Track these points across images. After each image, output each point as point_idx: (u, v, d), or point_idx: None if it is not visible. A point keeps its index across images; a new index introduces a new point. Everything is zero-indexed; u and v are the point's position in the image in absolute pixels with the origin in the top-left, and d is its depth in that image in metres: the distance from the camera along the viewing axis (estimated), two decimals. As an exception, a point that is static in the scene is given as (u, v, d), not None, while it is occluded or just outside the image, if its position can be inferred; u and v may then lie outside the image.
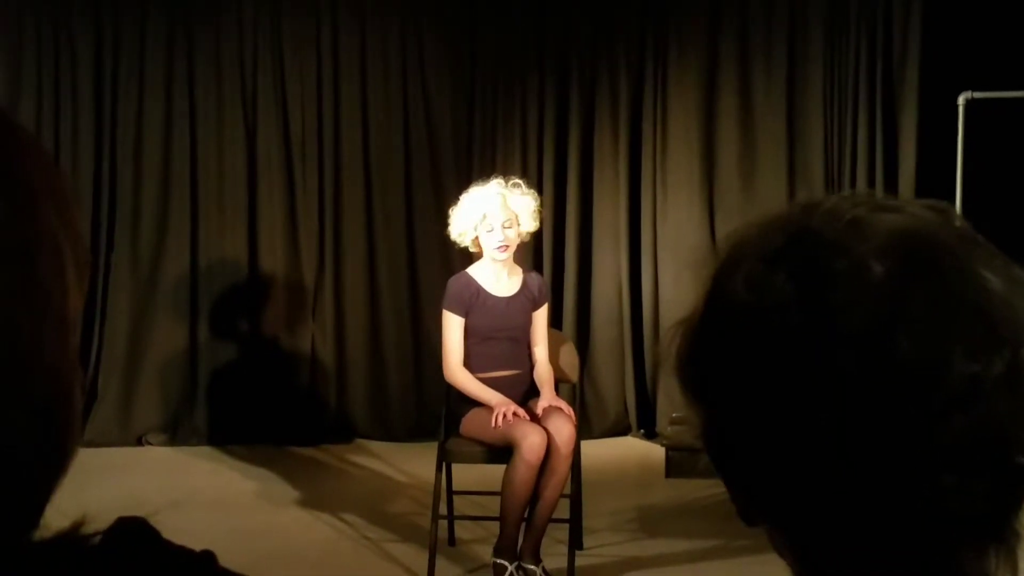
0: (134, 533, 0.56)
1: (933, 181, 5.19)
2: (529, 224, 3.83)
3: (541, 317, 3.91)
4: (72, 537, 0.54)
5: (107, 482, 4.62)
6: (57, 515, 0.56)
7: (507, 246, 3.75)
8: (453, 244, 3.96)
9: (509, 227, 3.75)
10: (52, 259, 0.54)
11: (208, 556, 0.58)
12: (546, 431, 3.57)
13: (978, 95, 4.62)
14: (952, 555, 0.62)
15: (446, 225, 3.92)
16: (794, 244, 0.63)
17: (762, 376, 0.62)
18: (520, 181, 3.91)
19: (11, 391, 0.51)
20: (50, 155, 0.58)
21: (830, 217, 0.64)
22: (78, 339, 0.58)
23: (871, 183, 5.46)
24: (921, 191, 5.32)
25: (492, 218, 3.74)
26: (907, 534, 0.61)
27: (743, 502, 0.67)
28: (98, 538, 0.55)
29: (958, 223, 0.64)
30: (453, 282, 3.86)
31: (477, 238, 3.81)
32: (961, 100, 4.64)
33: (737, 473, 0.66)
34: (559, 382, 3.95)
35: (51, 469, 0.54)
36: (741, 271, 0.64)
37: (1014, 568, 0.63)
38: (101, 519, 0.57)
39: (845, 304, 0.60)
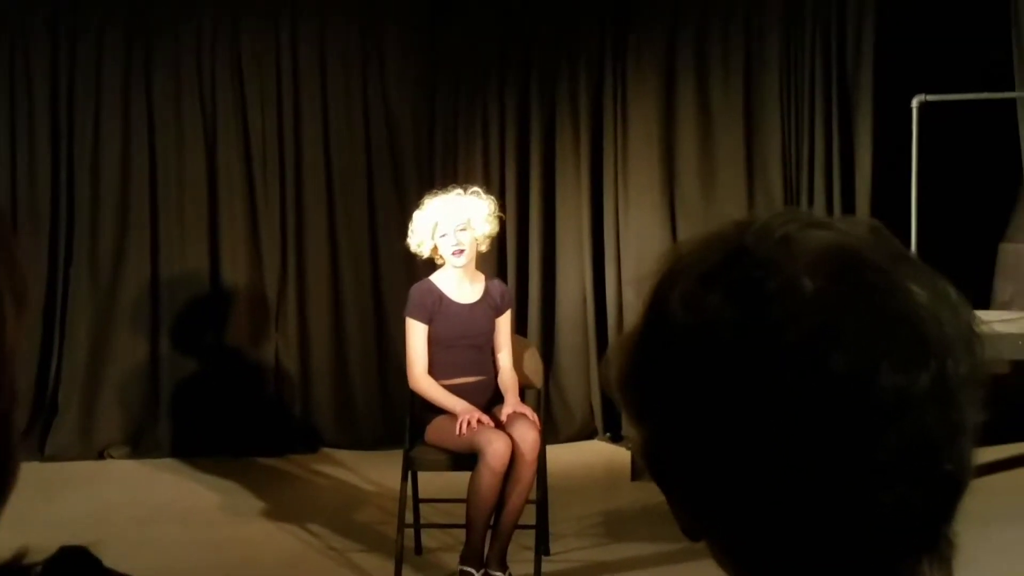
0: (76, 561, 0.56)
1: (889, 183, 5.27)
2: (484, 227, 3.83)
3: (504, 323, 3.92)
4: (13, 568, 0.54)
5: (70, 497, 4.56)
6: (17, 533, 0.56)
7: (462, 250, 3.75)
8: (416, 255, 3.96)
9: (463, 231, 3.75)
10: None
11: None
12: (511, 437, 3.57)
13: (931, 98, 4.70)
14: (887, 566, 0.63)
15: (407, 236, 3.92)
16: (728, 262, 0.64)
17: (699, 394, 0.63)
18: (478, 189, 3.92)
19: None
20: None
21: (762, 235, 0.65)
22: (17, 371, 0.58)
23: (828, 185, 5.53)
24: (877, 193, 5.40)
25: (444, 224, 3.75)
26: (842, 545, 0.62)
27: (685, 518, 0.68)
28: (39, 568, 0.55)
29: (887, 239, 0.66)
30: (415, 289, 3.86)
31: (436, 247, 3.81)
32: (915, 103, 4.71)
33: (678, 489, 0.67)
34: (524, 388, 3.96)
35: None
36: (677, 290, 0.65)
37: None
38: (62, 534, 0.57)
39: (778, 321, 0.61)
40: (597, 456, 5.60)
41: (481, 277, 3.93)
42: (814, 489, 0.61)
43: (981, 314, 0.66)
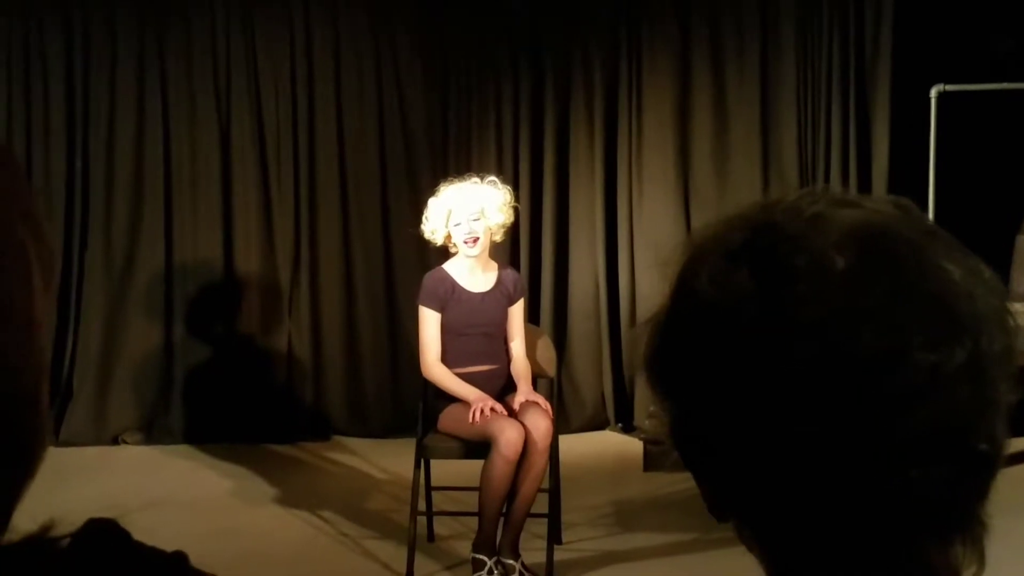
0: (105, 535, 0.56)
1: (906, 174, 5.23)
2: (498, 217, 3.82)
3: (517, 312, 3.91)
4: (41, 540, 0.54)
5: (82, 482, 4.58)
6: (29, 517, 0.56)
7: (476, 238, 3.75)
8: (429, 242, 3.96)
9: (476, 220, 3.75)
10: (17, 262, 0.54)
11: (180, 557, 0.58)
12: (523, 426, 3.57)
13: (950, 88, 4.67)
14: (918, 546, 0.63)
15: (421, 223, 3.92)
16: (756, 240, 0.64)
17: (728, 371, 0.63)
18: (495, 178, 3.91)
19: None
20: (11, 157, 0.58)
21: (791, 213, 0.64)
22: (46, 342, 0.57)
23: (844, 177, 5.50)
24: (894, 184, 5.36)
25: (458, 213, 3.74)
26: (872, 525, 0.62)
27: (712, 497, 0.68)
28: (68, 540, 0.54)
29: (917, 217, 0.65)
30: (428, 278, 3.86)
31: (449, 235, 3.81)
32: (933, 93, 4.68)
33: (706, 468, 0.67)
34: (536, 377, 3.96)
35: (18, 472, 0.54)
36: (704, 268, 0.64)
37: (981, 558, 0.63)
38: (76, 519, 0.56)
39: (807, 298, 0.61)
40: (609, 446, 5.60)
41: (494, 266, 3.92)
42: (844, 467, 0.61)
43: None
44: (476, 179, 3.86)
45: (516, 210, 4.10)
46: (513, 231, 4.84)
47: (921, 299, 0.61)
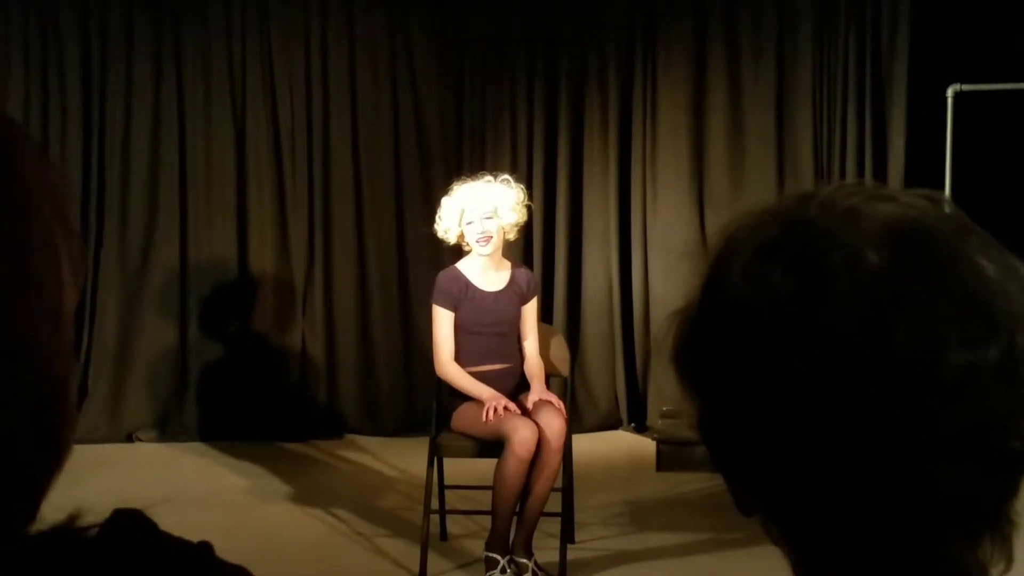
0: (131, 525, 0.56)
1: (922, 174, 5.21)
2: (511, 216, 3.82)
3: (530, 311, 3.91)
4: (69, 530, 0.54)
5: (97, 479, 4.60)
6: (50, 510, 0.56)
7: (488, 237, 3.75)
8: (442, 241, 3.96)
9: (489, 219, 3.75)
10: (46, 253, 0.54)
11: (206, 547, 0.58)
12: (537, 425, 3.57)
13: (967, 88, 4.64)
14: (946, 544, 0.62)
15: (435, 222, 3.92)
16: (790, 234, 0.63)
17: (759, 366, 0.62)
18: (508, 177, 3.91)
19: (5, 384, 0.51)
20: (45, 152, 0.58)
21: (826, 207, 0.64)
22: (73, 333, 0.58)
23: (860, 177, 5.47)
24: (910, 184, 5.25)
25: (471, 212, 3.75)
26: (902, 522, 0.61)
27: (739, 492, 0.67)
28: (95, 530, 0.55)
29: (952, 212, 0.65)
30: (442, 276, 3.86)
31: (462, 234, 3.81)
32: (950, 93, 4.65)
33: (733, 463, 0.66)
34: (550, 376, 3.96)
35: (47, 462, 0.54)
36: (737, 262, 0.64)
37: (1009, 556, 0.63)
38: (93, 516, 0.57)
39: (841, 294, 0.60)
40: (622, 446, 5.59)
41: (507, 265, 3.92)
42: (873, 464, 0.60)
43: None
44: (489, 177, 3.86)
45: (529, 209, 4.10)
46: (526, 230, 4.84)
47: (957, 296, 0.60)
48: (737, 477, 0.67)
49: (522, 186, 3.94)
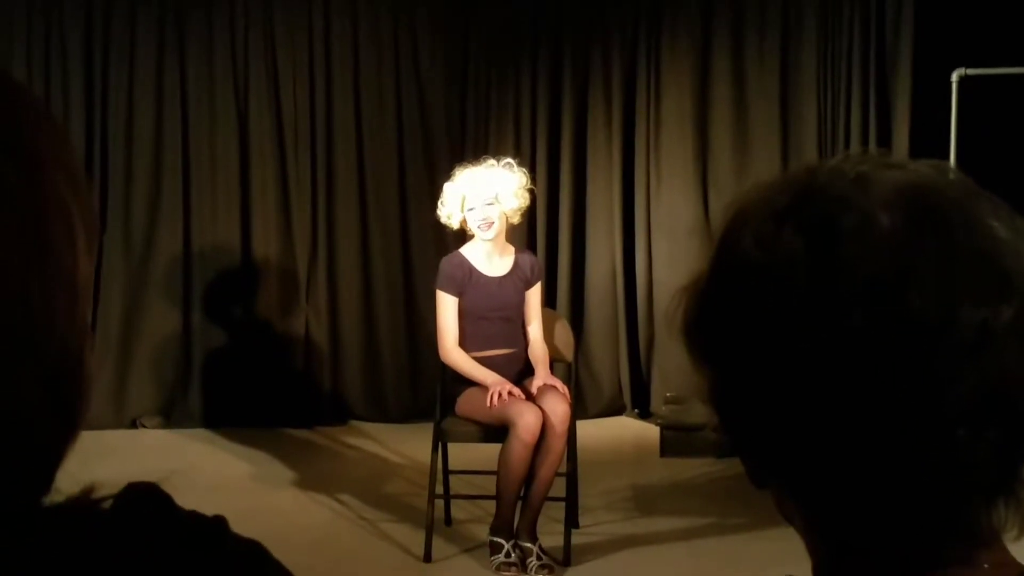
0: (146, 497, 0.56)
1: (926, 158, 5.19)
2: (514, 201, 3.81)
3: (534, 296, 3.91)
4: (84, 502, 0.54)
5: (101, 465, 4.57)
6: (56, 495, 0.56)
7: (490, 222, 3.74)
8: (446, 226, 3.96)
9: (491, 204, 3.75)
10: (62, 225, 0.54)
11: (220, 520, 0.58)
12: (541, 410, 3.57)
13: (971, 72, 4.62)
14: (962, 508, 0.62)
15: (437, 208, 3.92)
16: (801, 201, 0.64)
17: (772, 332, 0.62)
18: (511, 161, 3.90)
19: (21, 355, 0.51)
20: (60, 125, 0.58)
21: (836, 174, 0.64)
22: (89, 305, 0.57)
23: (864, 161, 5.46)
24: (914, 169, 5.32)
25: (473, 197, 3.74)
26: (917, 485, 0.61)
27: (753, 463, 0.67)
28: (109, 503, 0.55)
29: (961, 177, 0.65)
30: (446, 262, 3.86)
31: (465, 219, 3.81)
32: (954, 77, 4.64)
33: (747, 433, 0.66)
34: (554, 361, 3.96)
35: (62, 433, 0.54)
36: (749, 230, 0.64)
37: (1022, 520, 0.63)
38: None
39: (854, 258, 0.60)
40: (626, 431, 5.60)
41: (511, 250, 3.92)
42: (888, 428, 0.60)
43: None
44: (492, 161, 3.86)
45: (532, 193, 4.09)
46: (530, 215, 4.85)
47: (969, 256, 0.60)
48: (751, 447, 0.67)
49: (525, 170, 3.94)
